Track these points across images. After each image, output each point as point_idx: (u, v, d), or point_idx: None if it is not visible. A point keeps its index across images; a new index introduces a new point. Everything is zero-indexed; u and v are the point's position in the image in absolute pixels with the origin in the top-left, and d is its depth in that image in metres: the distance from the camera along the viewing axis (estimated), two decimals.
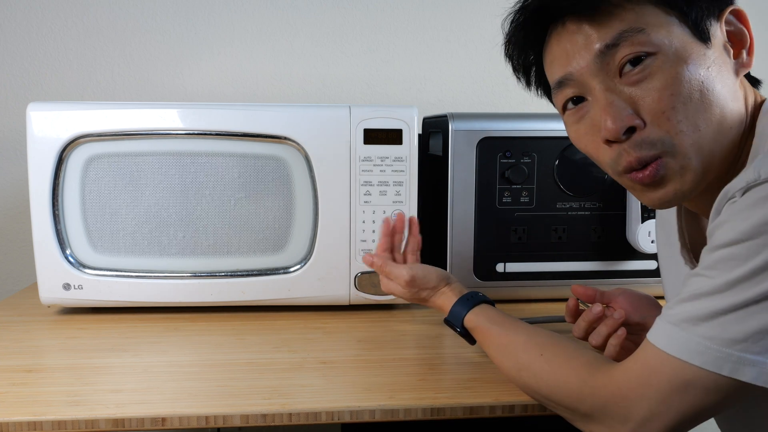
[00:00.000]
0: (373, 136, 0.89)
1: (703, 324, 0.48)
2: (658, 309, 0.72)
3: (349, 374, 0.71)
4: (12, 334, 0.85)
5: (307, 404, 0.63)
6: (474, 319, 0.71)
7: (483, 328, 0.70)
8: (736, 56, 0.55)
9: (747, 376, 0.47)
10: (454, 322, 0.73)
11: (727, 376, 0.47)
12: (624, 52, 0.53)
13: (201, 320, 0.90)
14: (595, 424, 0.55)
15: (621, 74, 0.54)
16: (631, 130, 0.54)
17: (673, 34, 0.53)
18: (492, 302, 0.74)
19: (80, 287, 0.89)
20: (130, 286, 0.90)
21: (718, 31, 0.55)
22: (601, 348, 0.68)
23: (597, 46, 0.54)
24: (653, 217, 0.95)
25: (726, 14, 0.55)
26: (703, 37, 0.53)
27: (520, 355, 0.63)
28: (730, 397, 0.49)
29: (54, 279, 0.89)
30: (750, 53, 0.56)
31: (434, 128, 1.03)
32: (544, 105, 1.30)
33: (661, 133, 0.53)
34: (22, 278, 1.29)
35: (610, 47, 0.54)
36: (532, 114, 0.96)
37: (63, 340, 0.82)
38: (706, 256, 0.50)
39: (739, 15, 0.56)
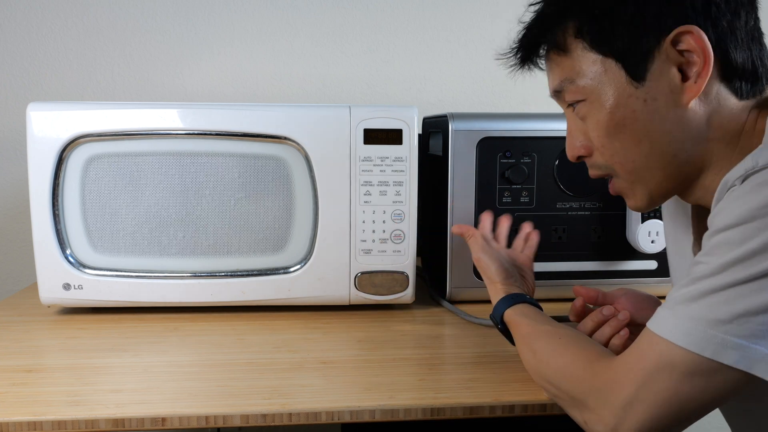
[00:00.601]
0: (373, 136, 0.89)
1: (692, 304, 0.49)
2: None
3: (349, 374, 0.71)
4: (12, 334, 0.85)
5: (307, 404, 0.63)
6: (511, 313, 0.72)
7: (515, 321, 0.71)
8: (687, 79, 0.55)
9: (729, 359, 0.47)
10: (494, 316, 0.74)
11: (709, 358, 0.47)
12: (565, 98, 0.62)
13: (201, 320, 0.90)
14: (587, 411, 0.55)
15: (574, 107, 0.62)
16: (582, 157, 0.64)
17: (604, 79, 0.57)
18: (538, 305, 0.74)
19: (80, 287, 0.89)
20: (130, 286, 0.90)
21: (660, 62, 0.55)
22: None
23: (552, 88, 0.64)
24: (653, 217, 0.95)
25: (672, 37, 0.54)
26: (637, 76, 0.56)
27: (538, 342, 0.65)
28: (715, 385, 0.48)
29: (54, 279, 0.89)
30: (701, 75, 0.54)
31: (434, 128, 1.03)
32: (544, 105, 1.30)
33: (603, 159, 0.61)
34: (22, 278, 1.29)
35: (558, 92, 0.63)
36: (532, 114, 0.96)
37: (63, 340, 0.82)
38: (705, 242, 0.51)
39: (691, 36, 0.53)
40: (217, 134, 0.88)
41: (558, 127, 0.93)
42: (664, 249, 0.96)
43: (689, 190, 0.60)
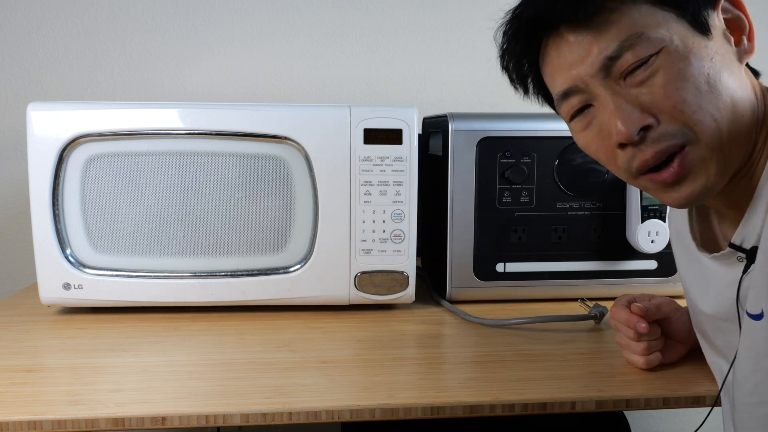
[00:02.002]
0: (373, 136, 0.89)
1: None
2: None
3: (349, 373, 0.71)
4: (12, 334, 0.85)
5: (308, 403, 0.63)
6: None
7: None
8: (737, 43, 0.55)
9: None
10: None
11: None
12: (628, 61, 0.53)
13: (201, 320, 0.90)
14: None
15: (625, 77, 0.54)
16: (645, 129, 0.53)
17: (673, 30, 0.52)
18: None
19: (80, 287, 0.89)
20: (130, 286, 0.90)
21: (716, 21, 0.54)
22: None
23: (600, 58, 0.53)
24: (653, 217, 0.95)
25: (721, 2, 0.54)
26: (703, 30, 0.53)
27: None
28: None
29: (54, 279, 0.89)
30: (750, 39, 0.55)
31: (434, 128, 1.03)
32: (544, 105, 1.30)
33: (679, 125, 0.52)
34: (22, 278, 1.29)
35: (614, 59, 0.53)
36: (532, 114, 0.96)
37: (63, 340, 0.82)
38: None
39: (734, 2, 0.55)
40: (217, 134, 0.88)
41: (558, 127, 0.93)
42: (664, 249, 0.96)
43: (729, 185, 0.57)
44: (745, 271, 0.56)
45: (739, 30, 0.55)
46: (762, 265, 0.53)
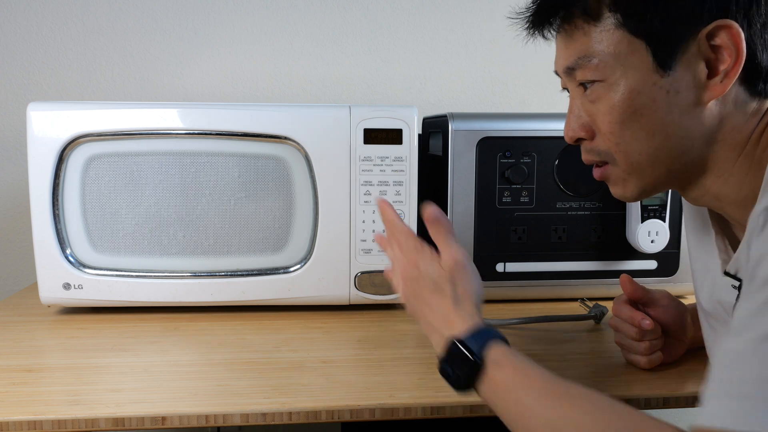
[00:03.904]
0: (373, 136, 0.89)
1: None
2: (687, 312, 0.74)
3: (349, 373, 0.71)
4: (12, 334, 0.85)
5: (307, 403, 0.63)
6: (502, 351, 0.53)
7: (518, 365, 0.52)
8: (713, 76, 0.52)
9: None
10: (471, 345, 0.53)
11: None
12: (579, 76, 0.58)
13: (201, 320, 0.90)
14: None
15: (585, 87, 0.58)
16: (580, 139, 0.60)
17: (628, 63, 0.54)
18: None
19: (80, 287, 0.89)
20: (130, 286, 0.90)
21: (689, 55, 0.52)
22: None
23: (563, 64, 0.59)
24: (653, 217, 0.95)
25: (710, 29, 0.51)
26: (665, 65, 0.52)
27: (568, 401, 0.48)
28: None
29: (54, 279, 0.89)
30: (729, 75, 0.51)
31: (434, 128, 1.03)
32: (544, 105, 1.30)
33: (606, 146, 0.58)
34: (22, 278, 1.29)
35: (570, 69, 0.58)
36: (532, 114, 0.97)
37: (63, 340, 0.82)
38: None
39: (727, 31, 0.51)
40: (217, 134, 0.88)
41: (558, 127, 0.93)
42: (664, 249, 0.96)
43: (686, 189, 0.59)
44: (738, 299, 0.56)
45: (719, 62, 0.52)
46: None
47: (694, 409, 0.67)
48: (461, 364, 0.53)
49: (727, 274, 0.57)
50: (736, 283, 0.56)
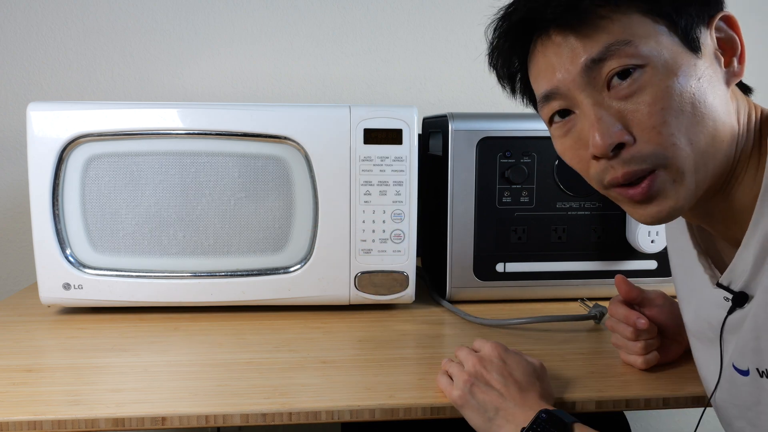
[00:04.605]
0: (373, 136, 0.89)
1: None
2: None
3: (349, 374, 0.71)
4: (12, 334, 0.85)
5: (307, 403, 0.63)
6: None
7: None
8: (727, 65, 0.53)
9: None
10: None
11: None
12: (611, 66, 0.51)
13: (201, 320, 0.90)
14: None
15: (609, 87, 0.52)
16: (619, 146, 0.52)
17: (662, 44, 0.51)
18: None
19: (80, 287, 0.89)
20: (130, 286, 0.90)
21: (708, 40, 0.52)
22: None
23: (583, 60, 0.52)
24: None
25: (716, 21, 0.52)
26: (693, 47, 0.51)
27: None
28: None
29: (54, 279, 0.89)
30: (741, 61, 0.53)
31: (434, 128, 1.03)
32: None
33: (653, 147, 0.51)
34: (22, 278, 1.29)
35: (597, 61, 0.52)
36: (532, 114, 0.96)
37: (63, 340, 0.82)
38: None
39: (729, 21, 0.53)
40: (217, 134, 0.88)
41: None
42: (664, 249, 0.96)
43: (701, 200, 0.56)
44: (730, 312, 0.56)
45: (730, 51, 0.53)
46: (751, 326, 0.52)
47: (694, 409, 0.67)
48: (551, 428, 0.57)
49: (720, 285, 0.57)
50: (729, 296, 0.55)
